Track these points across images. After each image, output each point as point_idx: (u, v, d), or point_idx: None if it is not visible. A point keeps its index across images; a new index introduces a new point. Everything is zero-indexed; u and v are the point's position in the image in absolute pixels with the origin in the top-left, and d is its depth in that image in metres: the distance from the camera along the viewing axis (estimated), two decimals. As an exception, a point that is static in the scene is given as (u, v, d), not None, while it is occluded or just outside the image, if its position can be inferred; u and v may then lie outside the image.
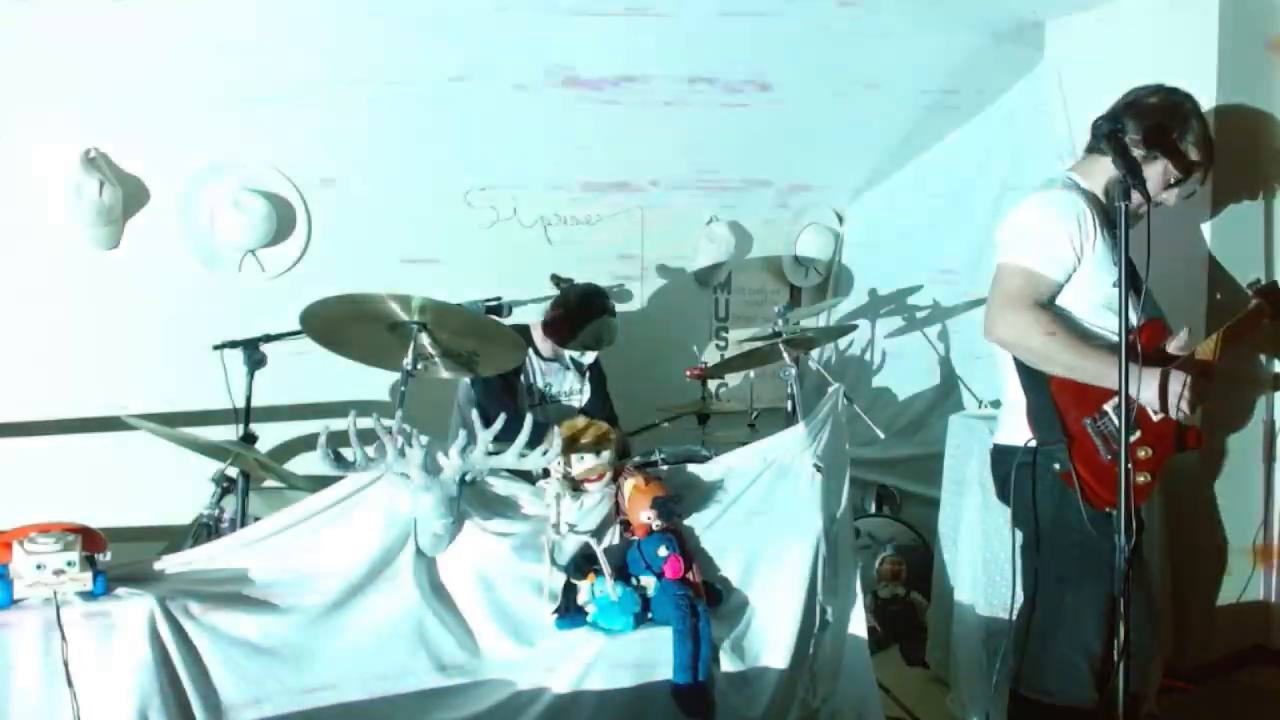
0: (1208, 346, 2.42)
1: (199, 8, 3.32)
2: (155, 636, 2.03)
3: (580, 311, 3.58)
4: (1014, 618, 2.57)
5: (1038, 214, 2.42)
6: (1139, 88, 2.56)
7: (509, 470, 2.44)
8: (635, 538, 2.52)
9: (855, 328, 4.77)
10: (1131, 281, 2.43)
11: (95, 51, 3.38)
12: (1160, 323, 2.47)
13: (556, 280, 3.71)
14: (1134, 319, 2.36)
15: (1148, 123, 2.45)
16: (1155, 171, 2.46)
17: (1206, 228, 3.37)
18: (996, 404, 3.73)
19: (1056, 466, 2.35)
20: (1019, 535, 2.57)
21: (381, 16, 3.46)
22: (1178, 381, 2.30)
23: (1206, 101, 3.30)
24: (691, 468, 2.73)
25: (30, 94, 3.48)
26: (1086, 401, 2.35)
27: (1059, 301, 2.41)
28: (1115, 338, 2.26)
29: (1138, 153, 2.40)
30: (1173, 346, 2.38)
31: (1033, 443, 2.42)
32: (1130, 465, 2.08)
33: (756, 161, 4.78)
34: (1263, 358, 3.55)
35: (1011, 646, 2.54)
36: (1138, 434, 2.30)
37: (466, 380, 3.54)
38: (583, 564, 2.46)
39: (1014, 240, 2.43)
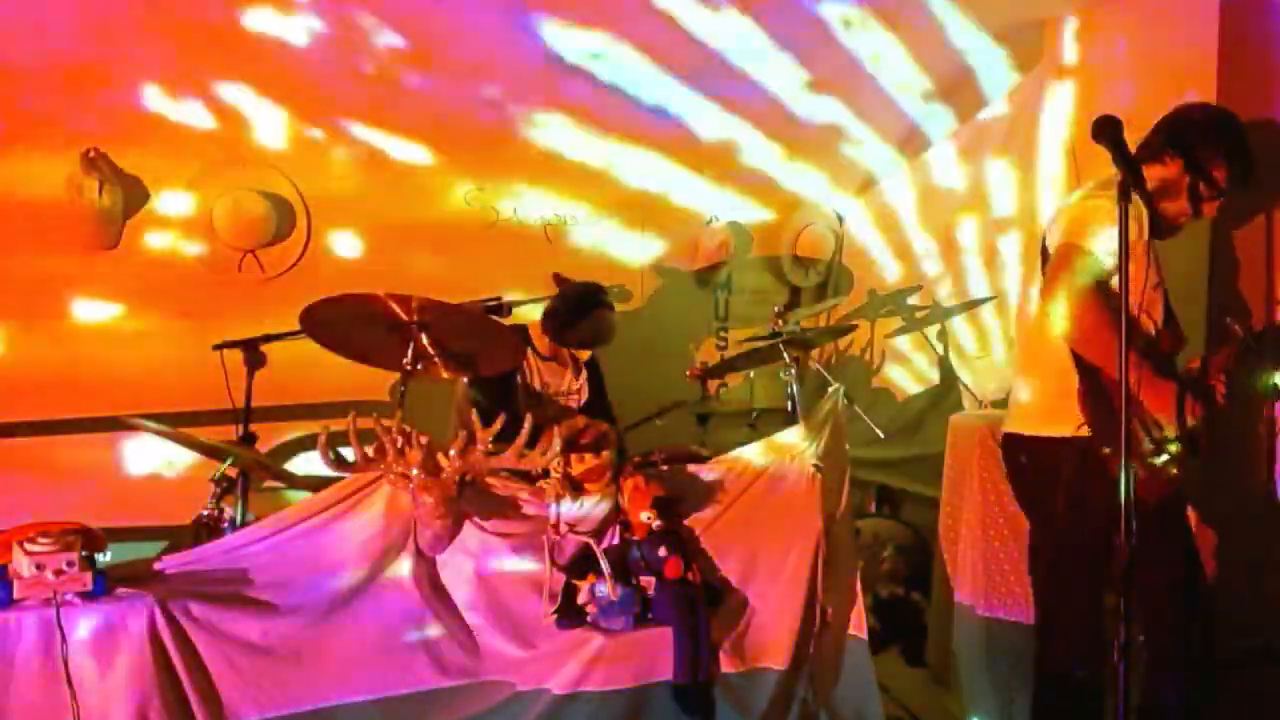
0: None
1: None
2: (155, 636, 2.04)
3: (578, 307, 3.59)
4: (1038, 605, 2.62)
5: (1104, 206, 2.44)
6: (1189, 104, 2.61)
7: (509, 470, 2.44)
8: (635, 538, 2.52)
9: (855, 328, 4.77)
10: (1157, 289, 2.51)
11: (97, 51, 3.39)
12: (1171, 336, 2.51)
13: (559, 279, 3.71)
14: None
15: (1185, 135, 2.51)
16: (1183, 185, 2.51)
17: (1207, 231, 3.37)
18: (1000, 404, 3.75)
19: (1107, 451, 2.37)
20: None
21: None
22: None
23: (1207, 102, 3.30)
24: (691, 468, 2.73)
25: (30, 94, 3.49)
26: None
27: None
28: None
29: (1170, 165, 2.49)
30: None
31: (1084, 430, 2.42)
32: (1166, 460, 2.26)
33: (756, 161, 4.78)
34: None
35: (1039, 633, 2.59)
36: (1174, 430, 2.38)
37: (466, 380, 3.54)
38: (583, 564, 2.46)
39: (1080, 226, 2.44)
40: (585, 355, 3.71)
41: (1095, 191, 2.49)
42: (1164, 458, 2.35)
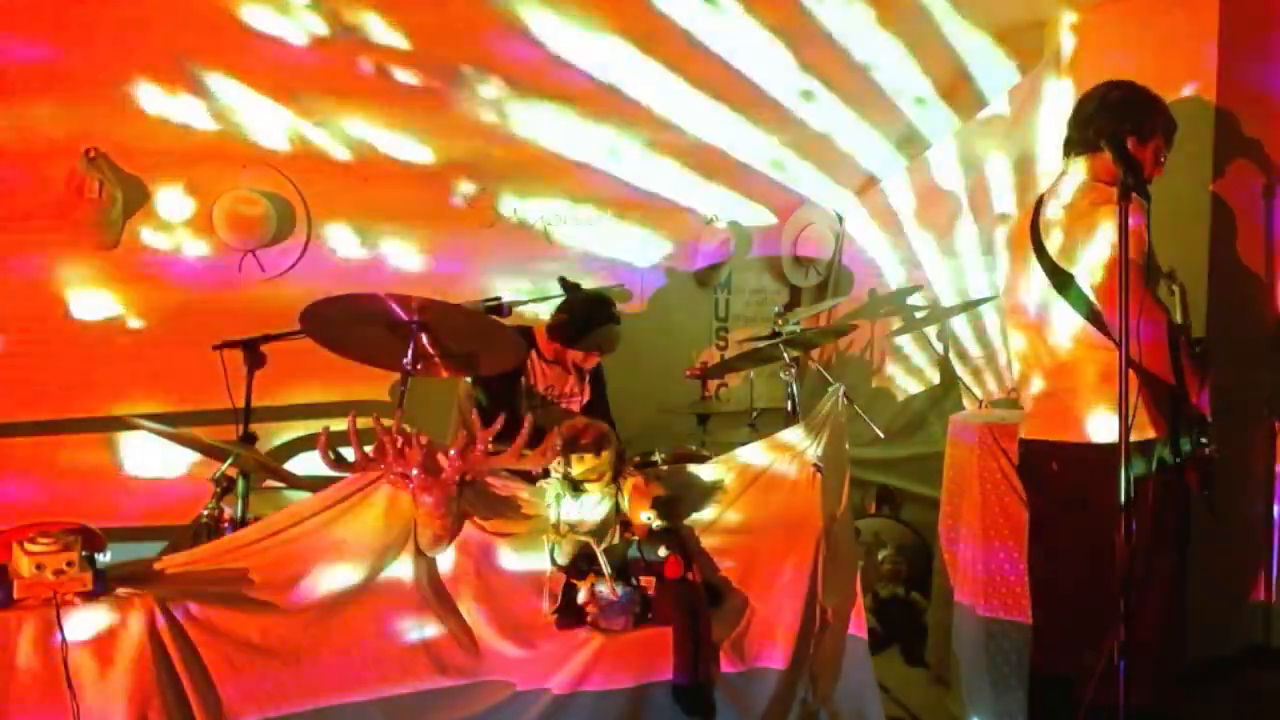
0: None
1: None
2: (155, 636, 2.03)
3: (587, 317, 3.59)
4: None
5: (1141, 218, 2.45)
6: (1100, 90, 2.64)
7: (509, 470, 2.44)
8: (635, 538, 2.53)
9: (855, 328, 4.77)
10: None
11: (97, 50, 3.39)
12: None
13: (564, 283, 3.71)
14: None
15: (1142, 114, 2.57)
16: (1149, 154, 2.59)
17: (1206, 226, 3.37)
18: (999, 404, 3.75)
19: (1212, 451, 2.43)
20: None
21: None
22: None
23: (1207, 101, 3.31)
24: (691, 468, 2.73)
25: (31, 93, 3.49)
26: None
27: None
28: None
29: (1137, 141, 2.53)
30: None
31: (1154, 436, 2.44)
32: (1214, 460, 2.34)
33: (756, 161, 4.78)
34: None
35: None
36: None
37: (467, 380, 3.54)
38: (583, 564, 2.46)
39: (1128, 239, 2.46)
40: (593, 363, 3.72)
41: (1092, 195, 2.49)
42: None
